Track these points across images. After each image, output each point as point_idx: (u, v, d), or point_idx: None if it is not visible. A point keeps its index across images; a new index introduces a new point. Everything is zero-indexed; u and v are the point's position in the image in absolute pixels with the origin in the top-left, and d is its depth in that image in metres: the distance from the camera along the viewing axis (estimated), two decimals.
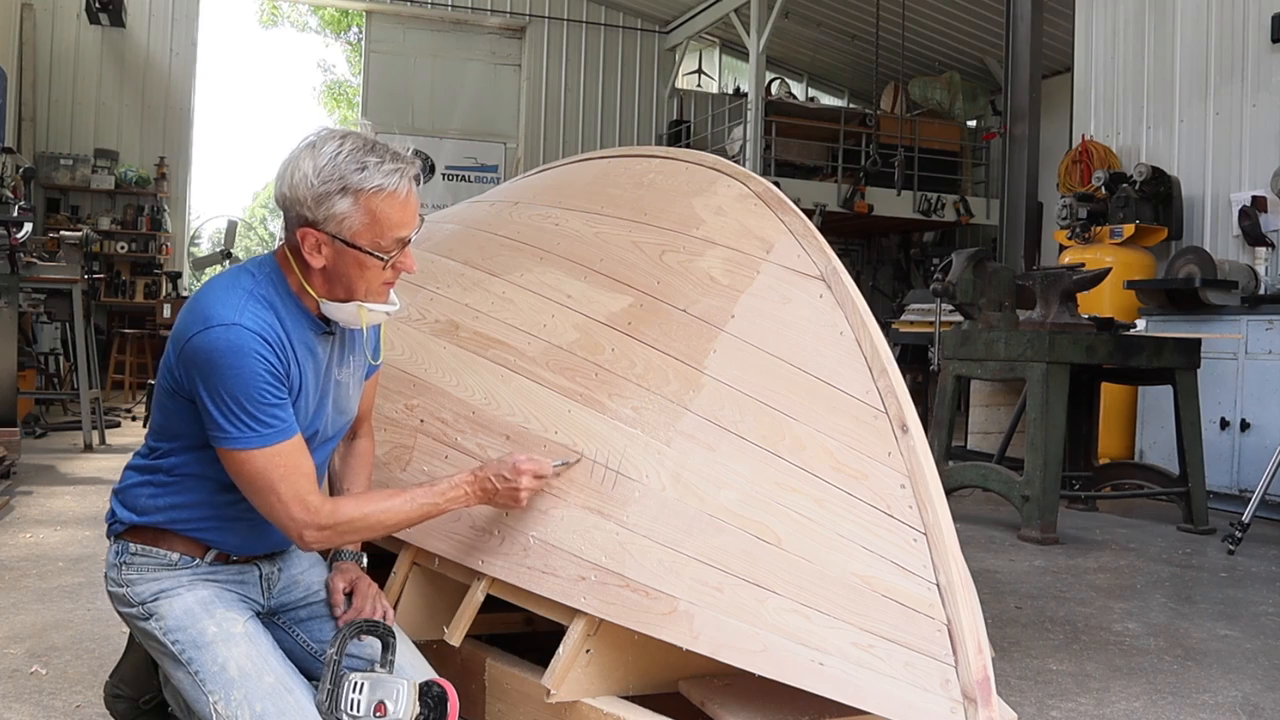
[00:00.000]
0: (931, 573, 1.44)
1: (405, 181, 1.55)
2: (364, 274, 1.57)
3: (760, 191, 2.00)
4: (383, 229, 1.54)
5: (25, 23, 11.53)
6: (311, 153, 1.54)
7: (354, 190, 1.51)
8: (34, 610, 3.10)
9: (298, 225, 1.55)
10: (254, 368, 1.50)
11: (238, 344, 1.50)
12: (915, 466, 1.52)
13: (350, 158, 1.52)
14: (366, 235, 1.54)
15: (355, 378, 1.78)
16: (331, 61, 27.92)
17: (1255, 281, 6.13)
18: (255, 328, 1.52)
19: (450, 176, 13.92)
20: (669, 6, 14.04)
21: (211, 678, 1.55)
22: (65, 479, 5.59)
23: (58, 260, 7.22)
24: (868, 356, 1.64)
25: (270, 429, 1.52)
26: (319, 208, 1.52)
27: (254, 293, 1.57)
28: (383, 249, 1.56)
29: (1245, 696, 2.72)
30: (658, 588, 1.58)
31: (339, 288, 1.60)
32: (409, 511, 1.63)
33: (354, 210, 1.52)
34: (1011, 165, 7.85)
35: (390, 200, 1.53)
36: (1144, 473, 5.53)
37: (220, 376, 1.50)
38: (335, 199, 1.51)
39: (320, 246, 1.55)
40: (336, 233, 1.54)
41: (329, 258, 1.56)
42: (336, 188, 1.51)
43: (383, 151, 1.55)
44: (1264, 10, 6.54)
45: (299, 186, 1.53)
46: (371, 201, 1.52)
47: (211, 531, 1.66)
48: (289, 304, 1.61)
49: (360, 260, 1.56)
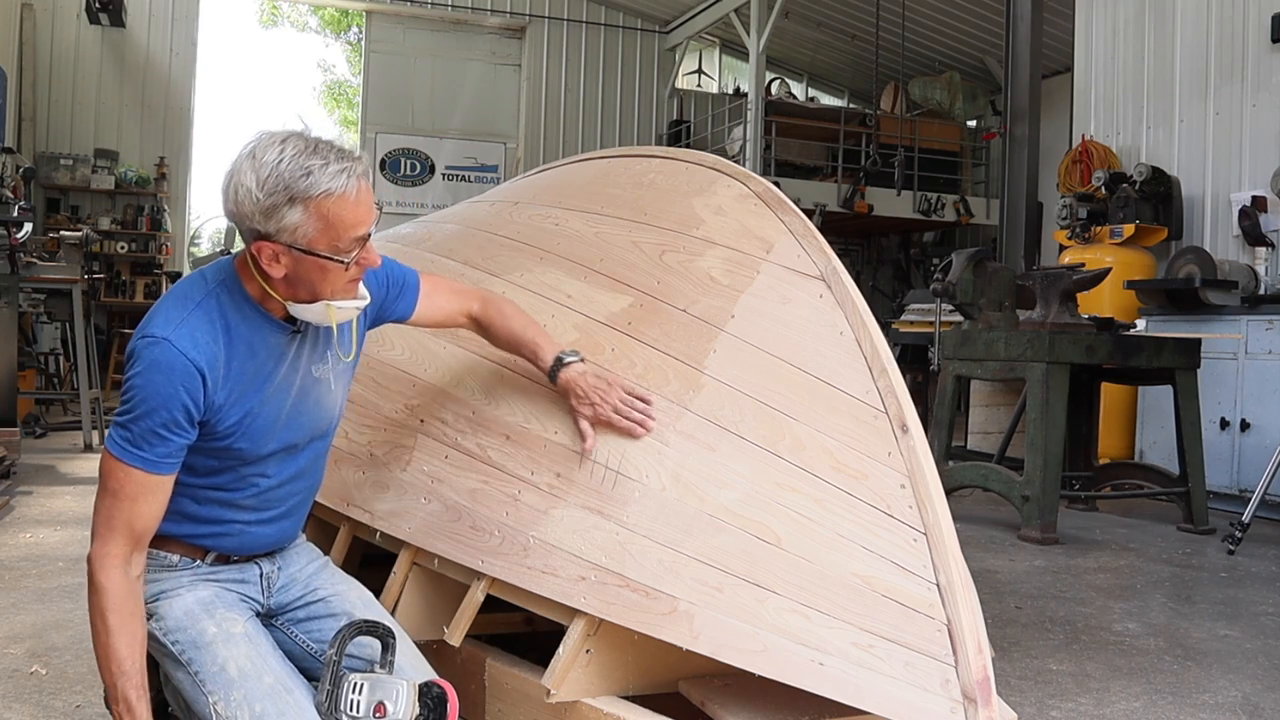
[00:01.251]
0: (931, 573, 1.44)
1: (353, 180, 1.47)
2: (326, 277, 1.52)
3: (760, 191, 2.00)
4: (338, 232, 1.48)
5: (25, 23, 11.53)
6: (252, 164, 1.46)
7: (302, 199, 1.44)
8: (34, 610, 3.10)
9: (252, 239, 1.50)
10: (166, 390, 1.47)
11: (159, 360, 1.47)
12: (915, 466, 1.52)
13: (292, 164, 1.44)
14: (324, 240, 1.48)
15: (339, 371, 1.74)
16: (331, 61, 27.89)
17: (1255, 281, 6.13)
18: (185, 346, 1.49)
19: (450, 176, 13.93)
20: (669, 6, 14.05)
21: (211, 678, 1.55)
22: (65, 479, 5.60)
23: (58, 260, 7.22)
24: (868, 356, 1.64)
25: (137, 452, 1.49)
26: (269, 221, 1.46)
27: (202, 304, 1.53)
28: (342, 251, 1.50)
29: (1245, 696, 2.72)
30: (658, 588, 1.58)
31: (303, 291, 1.55)
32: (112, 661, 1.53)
33: (305, 219, 1.45)
34: (1011, 165, 7.86)
35: (341, 203, 1.46)
36: (1144, 473, 5.53)
37: (133, 384, 1.49)
38: (284, 210, 1.45)
39: (278, 256, 1.49)
40: (292, 242, 1.47)
41: (289, 266, 1.51)
42: (284, 199, 1.44)
43: (326, 152, 1.47)
44: (1264, 10, 6.54)
45: (244, 202, 1.46)
46: (322, 207, 1.45)
47: (208, 537, 1.66)
48: (244, 310, 1.56)
49: (321, 265, 1.50)
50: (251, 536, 1.69)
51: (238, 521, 1.66)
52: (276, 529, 1.72)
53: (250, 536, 1.69)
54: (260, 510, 1.68)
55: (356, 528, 2.10)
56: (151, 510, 1.54)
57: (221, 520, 1.65)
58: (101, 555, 1.52)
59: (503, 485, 1.83)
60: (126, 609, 1.52)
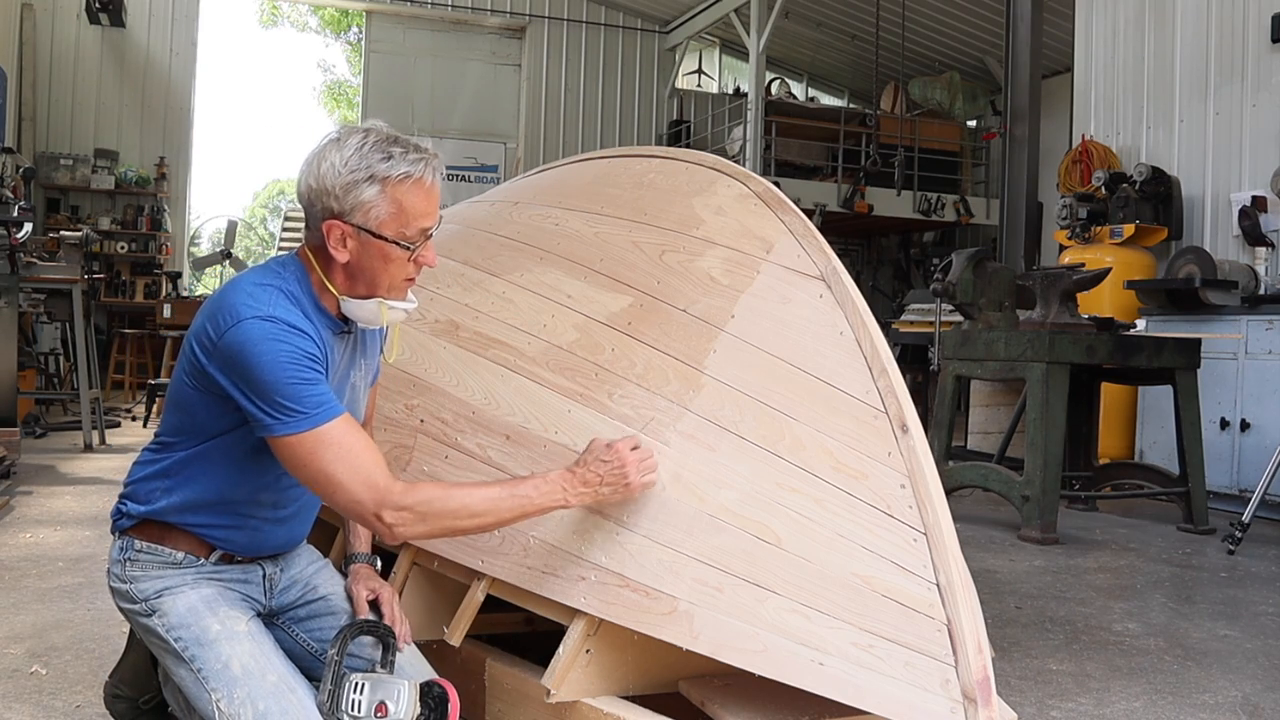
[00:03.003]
0: (931, 573, 1.44)
1: (430, 170, 1.57)
2: (388, 267, 1.58)
3: (760, 191, 2.01)
4: (408, 218, 1.55)
5: (25, 23, 11.53)
6: (337, 146, 1.55)
7: (381, 178, 1.53)
8: (34, 610, 3.10)
9: (324, 218, 1.56)
10: (291, 353, 1.50)
11: (274, 334, 1.50)
12: (915, 466, 1.52)
13: (375, 148, 1.54)
14: (392, 225, 1.55)
15: (365, 381, 1.79)
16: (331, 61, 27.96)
17: (1255, 281, 6.13)
18: (289, 320, 1.53)
19: (450, 176, 13.91)
20: (669, 6, 14.05)
21: (214, 675, 1.55)
22: (65, 479, 5.59)
23: (58, 260, 7.22)
24: (868, 356, 1.64)
25: (314, 411, 1.49)
26: (346, 197, 1.53)
27: (283, 289, 1.58)
28: (408, 239, 1.56)
29: (1245, 696, 2.72)
30: (658, 588, 1.58)
31: (361, 284, 1.60)
32: (501, 502, 1.54)
33: (380, 199, 1.53)
34: (1011, 165, 7.85)
35: (416, 188, 1.55)
36: (1144, 473, 5.53)
37: (258, 366, 1.48)
38: (363, 187, 1.53)
39: (346, 239, 1.56)
40: (363, 223, 1.54)
41: (354, 251, 1.57)
42: (364, 176, 1.53)
43: (405, 143, 1.57)
44: (1264, 10, 6.54)
45: (326, 177, 1.54)
46: (398, 190, 1.54)
47: (220, 529, 1.66)
48: (311, 303, 1.61)
49: (385, 252, 1.56)
50: (263, 536, 1.69)
51: (255, 518, 1.66)
52: (286, 531, 1.73)
53: (262, 536, 1.69)
54: (277, 508, 1.68)
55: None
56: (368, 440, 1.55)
57: (242, 514, 1.65)
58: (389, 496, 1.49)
59: None
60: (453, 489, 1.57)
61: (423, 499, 1.51)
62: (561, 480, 1.57)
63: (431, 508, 1.51)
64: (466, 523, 1.55)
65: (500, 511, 1.54)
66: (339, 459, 1.49)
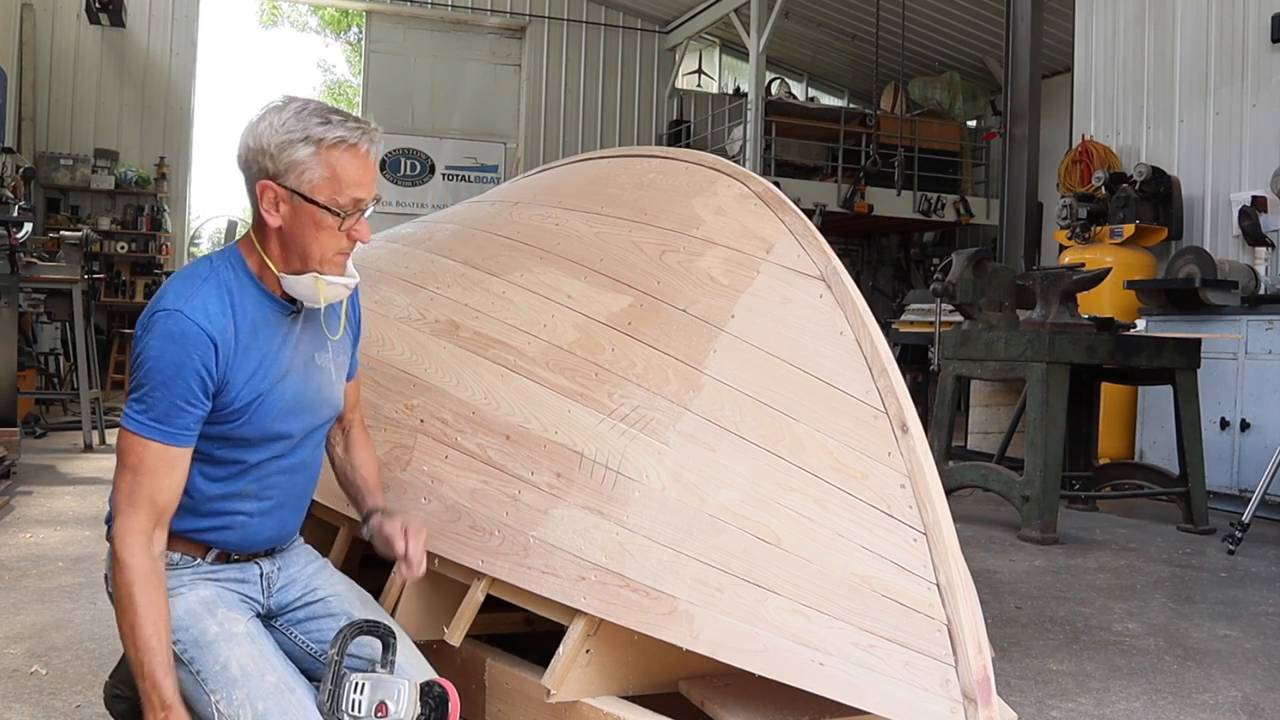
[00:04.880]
0: (931, 573, 1.44)
1: (366, 140, 1.57)
2: (319, 235, 1.57)
3: (760, 191, 2.00)
4: (341, 185, 1.55)
5: (25, 23, 11.53)
6: (278, 111, 1.57)
7: (316, 140, 1.53)
8: (34, 610, 3.10)
9: (258, 178, 1.57)
10: (179, 358, 1.51)
11: (173, 330, 1.52)
12: (915, 466, 1.52)
13: (314, 114, 1.55)
14: (325, 190, 1.55)
15: (339, 363, 1.77)
16: (331, 61, 27.92)
17: (1255, 281, 6.13)
18: (197, 317, 1.53)
19: (450, 176, 13.93)
20: (669, 6, 14.05)
21: (213, 677, 1.54)
22: (65, 479, 5.59)
23: (58, 260, 7.22)
24: (868, 356, 1.64)
25: (154, 424, 1.51)
26: (281, 156, 1.53)
27: (209, 278, 1.59)
28: (340, 206, 1.56)
29: (1245, 696, 2.72)
30: (658, 588, 1.58)
31: (295, 255, 1.60)
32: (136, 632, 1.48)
33: (314, 161, 1.53)
34: (1011, 165, 7.85)
35: (351, 155, 1.55)
36: (1144, 473, 5.53)
37: (146, 356, 1.52)
38: (298, 147, 1.53)
39: (279, 203, 1.56)
40: (295, 186, 1.54)
41: (286, 217, 1.57)
42: (300, 137, 1.53)
43: (346, 114, 1.59)
44: (1264, 10, 6.54)
45: (263, 136, 1.54)
46: (332, 154, 1.54)
47: (209, 532, 1.66)
48: (247, 287, 1.61)
49: (317, 219, 1.56)
50: (253, 529, 1.69)
51: (240, 513, 1.66)
52: (276, 522, 1.72)
53: (251, 530, 1.69)
54: (261, 499, 1.68)
55: (357, 528, 2.10)
56: (173, 484, 1.54)
57: (223, 512, 1.65)
58: (125, 532, 1.51)
59: (503, 485, 1.83)
60: (151, 585, 1.51)
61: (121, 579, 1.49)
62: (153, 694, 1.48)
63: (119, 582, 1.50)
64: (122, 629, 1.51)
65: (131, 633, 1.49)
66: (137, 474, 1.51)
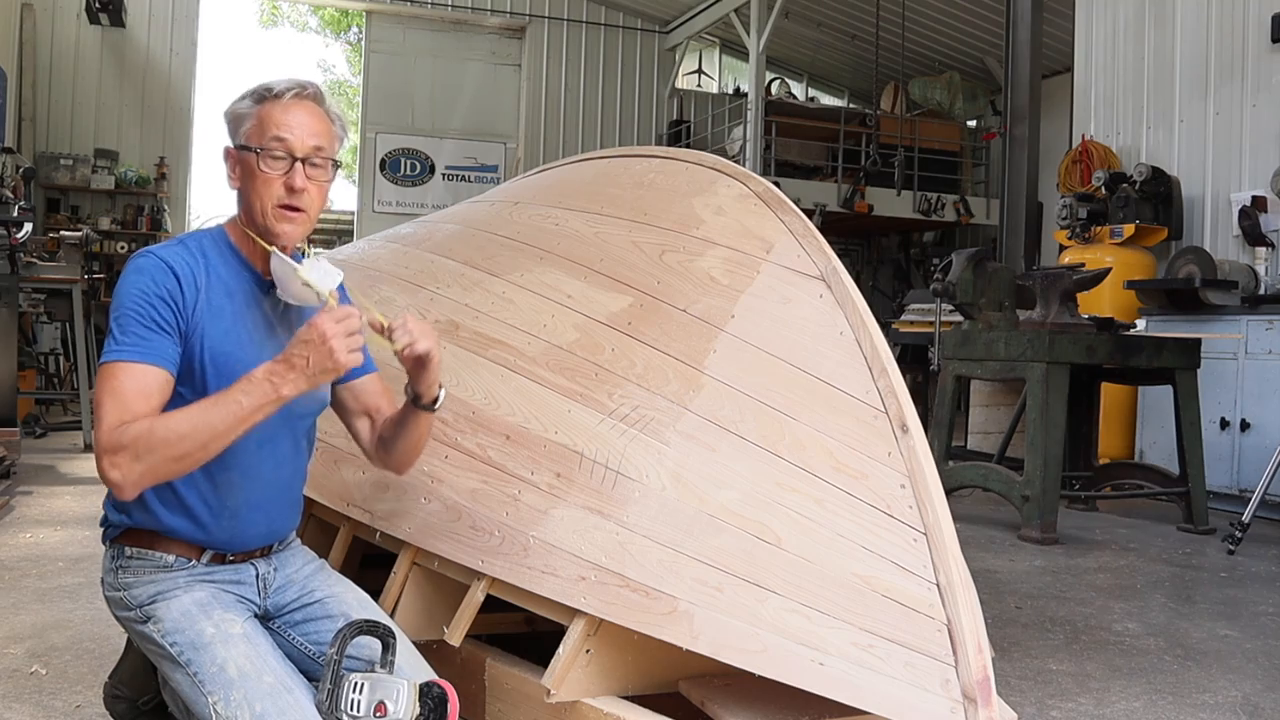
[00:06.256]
0: (931, 573, 1.44)
1: (292, 89, 1.65)
2: (255, 184, 1.63)
3: (760, 191, 2.00)
4: (264, 128, 1.63)
5: (25, 23, 11.52)
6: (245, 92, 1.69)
7: (255, 98, 1.66)
8: (34, 610, 3.10)
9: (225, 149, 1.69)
10: (143, 285, 1.56)
11: (141, 265, 1.59)
12: (915, 466, 1.52)
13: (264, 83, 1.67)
14: (255, 137, 1.64)
15: None
16: (331, 61, 27.93)
17: (1255, 281, 6.13)
18: (164, 255, 1.61)
19: (450, 176, 13.93)
20: (669, 6, 14.04)
21: (210, 678, 1.54)
22: (65, 479, 5.60)
23: (58, 260, 7.22)
24: (868, 356, 1.64)
25: (126, 345, 1.52)
26: (231, 122, 1.67)
27: (186, 241, 1.67)
28: (261, 144, 1.63)
29: (1245, 696, 2.72)
30: (658, 588, 1.58)
31: (249, 214, 1.66)
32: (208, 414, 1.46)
33: (250, 115, 1.65)
34: (1011, 165, 7.85)
35: (276, 103, 1.64)
36: (1144, 473, 5.53)
37: (117, 294, 1.57)
38: (241, 107, 1.66)
39: (235, 166, 1.67)
40: (237, 141, 1.65)
41: (240, 177, 1.66)
42: (245, 99, 1.67)
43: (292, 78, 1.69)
44: (1264, 10, 6.54)
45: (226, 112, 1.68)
46: (263, 106, 1.64)
47: (201, 531, 1.65)
48: (227, 254, 1.68)
49: (248, 165, 1.64)
50: (242, 526, 1.68)
51: (226, 507, 1.65)
52: (265, 518, 1.71)
53: (240, 526, 1.67)
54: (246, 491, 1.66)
55: (356, 528, 2.10)
56: (150, 404, 1.51)
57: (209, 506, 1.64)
58: (106, 446, 1.46)
59: (503, 485, 1.83)
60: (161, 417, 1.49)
61: (133, 434, 1.45)
62: (267, 374, 1.48)
63: (141, 441, 1.44)
64: (181, 446, 1.46)
65: (213, 423, 1.46)
66: (110, 396, 1.50)
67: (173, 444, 1.46)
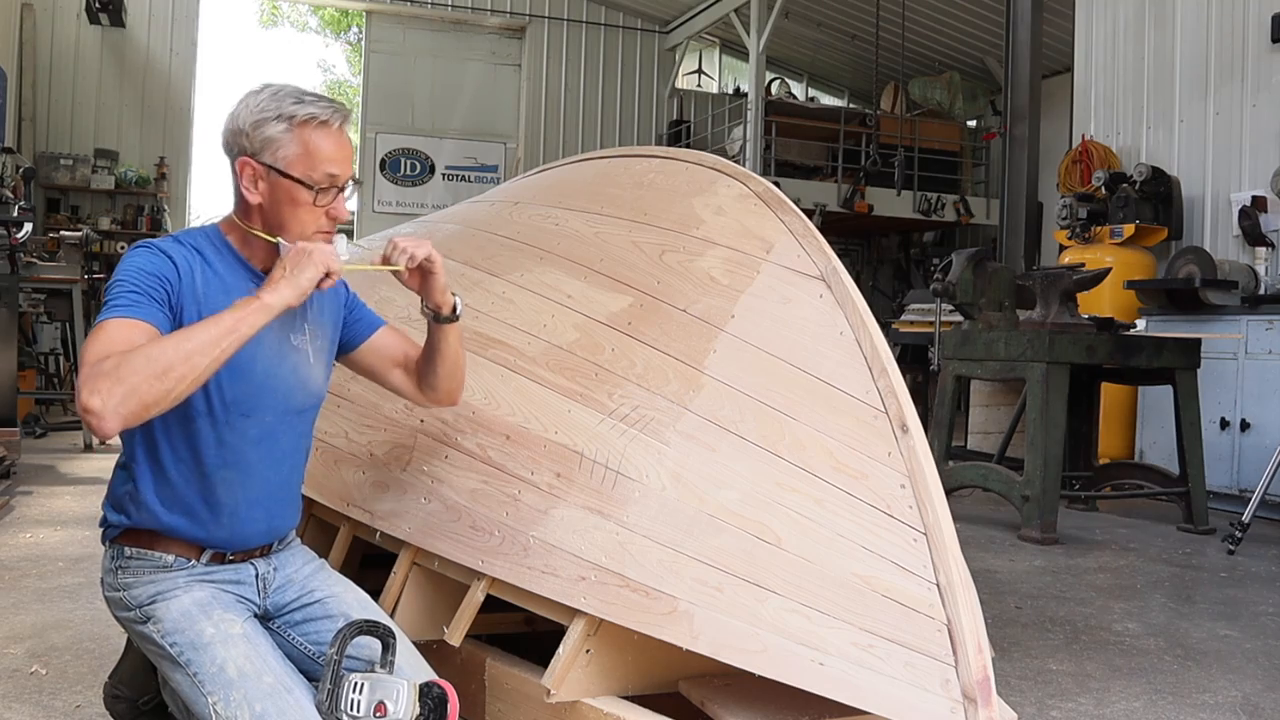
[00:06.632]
0: (931, 573, 1.44)
1: (337, 117, 1.63)
2: (296, 212, 1.62)
3: (760, 191, 2.00)
4: (314, 161, 1.60)
5: (25, 23, 11.52)
6: (254, 94, 1.64)
7: (288, 117, 1.60)
8: (34, 610, 3.10)
9: (238, 157, 1.63)
10: (139, 263, 1.57)
11: (135, 251, 1.59)
12: (915, 466, 1.52)
13: (289, 94, 1.63)
14: (299, 166, 1.60)
15: (319, 347, 1.75)
16: (331, 61, 27.94)
17: (1255, 281, 6.13)
18: (159, 244, 1.61)
19: (450, 176, 13.93)
20: (669, 6, 14.04)
21: (210, 679, 1.54)
22: (65, 479, 5.59)
23: (58, 260, 7.22)
24: (868, 356, 1.64)
25: (118, 307, 1.51)
26: (256, 134, 1.60)
27: (181, 238, 1.67)
28: (314, 180, 1.60)
29: (1245, 696, 2.72)
30: (658, 588, 1.58)
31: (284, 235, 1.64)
32: (196, 332, 1.44)
33: (287, 138, 1.60)
34: (1011, 165, 7.85)
35: (323, 131, 1.61)
36: (1144, 473, 5.53)
37: (111, 280, 1.57)
38: (272, 124, 1.60)
39: (257, 180, 1.62)
40: (271, 162, 1.60)
41: (264, 194, 1.62)
42: (273, 115, 1.60)
43: (319, 95, 1.65)
44: (1264, 10, 6.54)
45: (240, 117, 1.62)
46: (304, 131, 1.60)
47: (198, 529, 1.65)
48: (222, 253, 1.67)
49: (293, 194, 1.61)
50: (240, 524, 1.67)
51: (224, 504, 1.65)
52: (265, 516, 1.71)
53: (239, 524, 1.67)
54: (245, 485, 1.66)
55: (357, 528, 2.10)
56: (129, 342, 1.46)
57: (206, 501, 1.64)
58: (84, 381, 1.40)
59: (503, 485, 1.83)
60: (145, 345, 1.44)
61: (113, 361, 1.39)
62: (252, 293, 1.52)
63: (124, 365, 1.38)
64: (163, 359, 1.40)
65: (195, 334, 1.44)
66: (92, 342, 1.47)
67: (154, 359, 1.40)
